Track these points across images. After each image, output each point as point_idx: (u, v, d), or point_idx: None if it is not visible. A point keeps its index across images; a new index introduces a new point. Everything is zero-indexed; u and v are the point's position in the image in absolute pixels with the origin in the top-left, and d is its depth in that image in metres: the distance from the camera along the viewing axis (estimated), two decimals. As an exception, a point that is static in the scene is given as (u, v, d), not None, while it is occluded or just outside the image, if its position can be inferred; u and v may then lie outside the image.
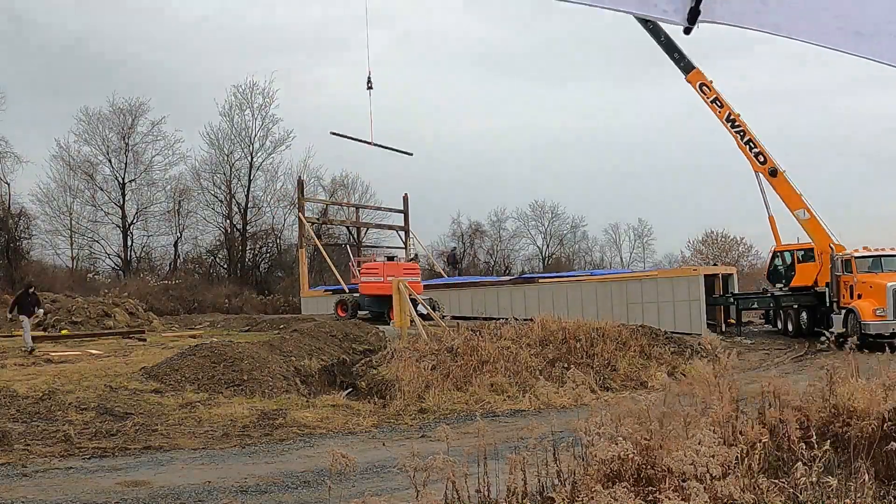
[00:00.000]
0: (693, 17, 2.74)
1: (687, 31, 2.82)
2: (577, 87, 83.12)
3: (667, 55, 25.29)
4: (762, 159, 24.67)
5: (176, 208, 47.73)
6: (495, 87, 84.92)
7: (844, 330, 20.41)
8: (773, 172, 24.47)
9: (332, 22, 79.13)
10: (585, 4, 2.94)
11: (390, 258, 29.94)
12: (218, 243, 49.34)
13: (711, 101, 25.16)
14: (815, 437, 4.46)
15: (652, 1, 2.83)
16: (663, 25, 24.75)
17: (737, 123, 24.94)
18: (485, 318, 23.68)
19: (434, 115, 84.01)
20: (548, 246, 64.51)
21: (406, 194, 42.16)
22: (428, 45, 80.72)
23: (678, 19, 2.79)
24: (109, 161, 46.14)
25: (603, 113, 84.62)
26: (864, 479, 3.99)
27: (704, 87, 25.14)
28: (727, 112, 25.01)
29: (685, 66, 25.23)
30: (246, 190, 48.64)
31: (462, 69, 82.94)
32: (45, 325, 22.39)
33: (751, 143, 24.77)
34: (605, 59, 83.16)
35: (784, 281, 25.93)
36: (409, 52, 78.00)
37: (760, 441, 4.25)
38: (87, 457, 8.49)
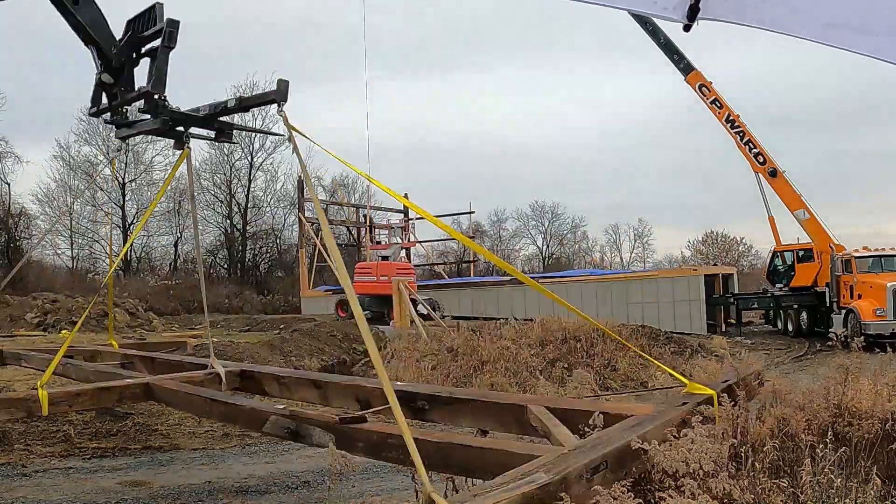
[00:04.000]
0: (692, 13, 2.74)
1: (686, 27, 2.82)
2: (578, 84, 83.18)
3: (666, 56, 25.32)
4: (761, 160, 24.67)
5: (176, 208, 47.77)
6: (496, 85, 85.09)
7: (844, 330, 20.41)
8: (773, 173, 24.47)
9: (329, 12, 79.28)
10: (586, 2, 2.93)
11: (384, 258, 30.17)
12: (218, 243, 49.39)
13: (711, 102, 25.14)
14: (817, 437, 4.45)
15: None
16: (662, 26, 24.80)
17: (736, 124, 24.91)
18: (485, 318, 23.71)
19: (434, 115, 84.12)
20: (548, 246, 64.63)
21: (406, 194, 42.17)
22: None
23: (678, 16, 2.79)
24: (110, 161, 46.21)
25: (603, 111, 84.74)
26: (867, 479, 3.98)
27: (704, 88, 25.11)
28: (727, 113, 24.98)
29: (685, 66, 25.21)
30: (246, 190, 48.75)
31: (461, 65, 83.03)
32: (45, 325, 22.39)
33: (750, 144, 24.77)
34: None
35: (784, 281, 25.94)
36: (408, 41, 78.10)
37: (763, 440, 4.24)
38: (87, 457, 8.47)
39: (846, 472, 4.20)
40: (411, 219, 40.40)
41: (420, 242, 42.49)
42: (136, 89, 5.85)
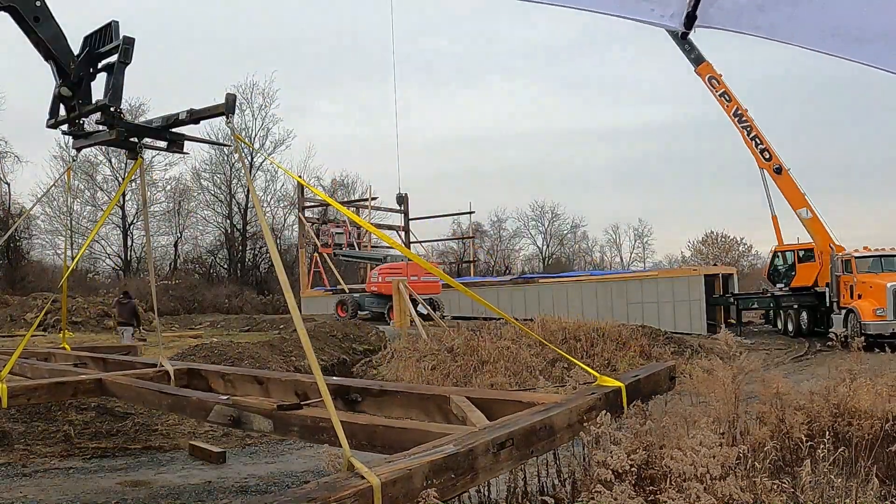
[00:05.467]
0: (690, 22, 2.76)
1: (684, 35, 2.83)
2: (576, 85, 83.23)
3: (677, 46, 25.24)
4: (767, 156, 24.55)
5: (176, 208, 47.77)
6: (493, 86, 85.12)
7: (844, 330, 20.41)
8: (779, 170, 24.35)
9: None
10: (584, 10, 2.95)
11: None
12: (218, 243, 49.39)
13: (720, 95, 25.04)
14: (817, 437, 4.46)
15: (649, 7, 2.84)
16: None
17: (744, 119, 24.80)
18: (485, 319, 23.70)
19: (434, 114, 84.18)
20: (548, 246, 64.60)
21: (406, 194, 42.23)
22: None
23: (675, 24, 2.81)
24: (109, 161, 46.27)
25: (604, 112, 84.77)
26: (866, 479, 3.98)
27: (714, 81, 25.03)
28: (735, 107, 24.87)
29: (695, 57, 25.17)
30: (246, 190, 48.67)
31: (462, 66, 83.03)
32: (45, 324, 22.39)
33: (757, 139, 24.66)
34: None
35: (785, 281, 25.85)
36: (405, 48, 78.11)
37: (763, 441, 4.25)
38: (88, 457, 8.48)
39: (846, 472, 4.20)
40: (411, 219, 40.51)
41: (420, 242, 42.51)
42: (94, 102, 6.14)
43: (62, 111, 6.35)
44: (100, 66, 6.17)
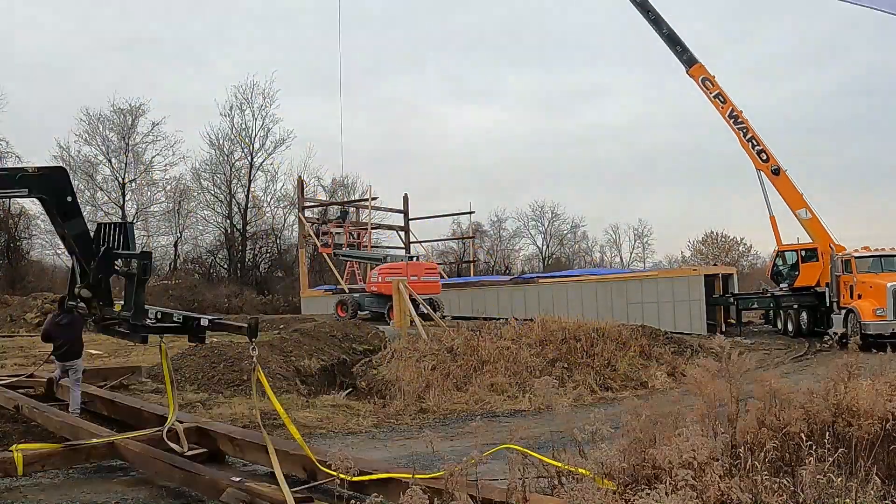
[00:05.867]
0: None
1: None
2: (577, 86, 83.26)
3: (669, 48, 25.02)
4: (764, 157, 24.42)
5: (176, 208, 47.75)
6: (496, 84, 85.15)
7: (844, 330, 20.39)
8: (777, 171, 24.25)
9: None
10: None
11: (411, 258, 30.23)
12: (218, 243, 49.34)
13: (714, 97, 24.79)
14: (817, 437, 4.46)
15: None
16: (665, 17, 24.69)
17: (739, 120, 24.61)
18: (485, 318, 23.65)
19: (434, 114, 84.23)
20: (548, 246, 64.59)
21: (406, 194, 42.29)
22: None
23: None
24: (109, 161, 46.25)
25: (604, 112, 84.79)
26: (867, 479, 3.98)
27: (707, 82, 24.74)
28: (730, 108, 24.66)
29: (688, 59, 24.88)
30: (246, 190, 48.72)
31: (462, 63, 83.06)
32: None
33: (753, 141, 24.50)
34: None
35: (788, 281, 25.70)
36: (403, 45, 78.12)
37: (763, 440, 4.25)
38: (87, 457, 8.47)
39: (846, 472, 4.20)
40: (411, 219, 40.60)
41: (420, 242, 42.55)
42: (116, 312, 6.57)
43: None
44: (118, 269, 6.54)
